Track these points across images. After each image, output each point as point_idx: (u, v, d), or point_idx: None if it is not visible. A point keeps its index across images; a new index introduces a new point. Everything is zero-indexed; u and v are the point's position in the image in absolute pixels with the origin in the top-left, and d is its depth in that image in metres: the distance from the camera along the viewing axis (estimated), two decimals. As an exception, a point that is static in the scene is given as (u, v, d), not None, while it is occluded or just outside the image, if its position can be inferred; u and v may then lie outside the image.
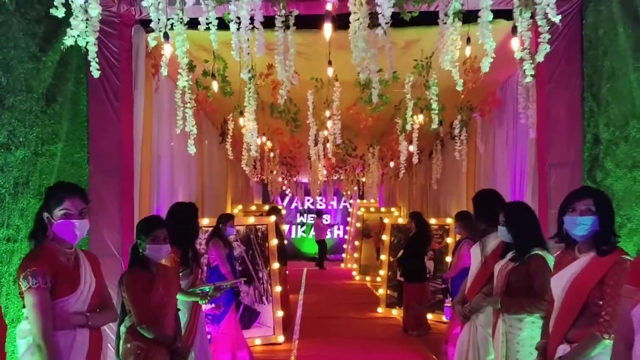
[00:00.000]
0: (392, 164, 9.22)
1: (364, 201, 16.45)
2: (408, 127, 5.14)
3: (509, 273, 3.11)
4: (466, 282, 3.74)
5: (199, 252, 3.88)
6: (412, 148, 6.18)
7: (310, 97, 4.89)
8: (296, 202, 19.36)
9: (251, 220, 6.87)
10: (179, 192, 6.30)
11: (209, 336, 5.09)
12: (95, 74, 3.39)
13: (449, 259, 8.25)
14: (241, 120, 5.26)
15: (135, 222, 4.48)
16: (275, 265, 6.83)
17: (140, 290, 2.82)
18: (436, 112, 4.83)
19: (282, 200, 19.15)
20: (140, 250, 2.93)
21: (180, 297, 3.68)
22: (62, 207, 2.46)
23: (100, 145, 4.17)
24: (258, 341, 6.51)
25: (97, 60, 3.38)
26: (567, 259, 2.65)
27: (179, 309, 3.16)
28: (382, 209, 13.59)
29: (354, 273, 13.38)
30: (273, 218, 7.00)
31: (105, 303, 2.63)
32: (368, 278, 12.83)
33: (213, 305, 4.99)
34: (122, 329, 2.86)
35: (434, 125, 4.93)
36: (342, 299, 10.27)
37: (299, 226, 19.21)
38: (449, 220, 8.41)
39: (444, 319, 8.02)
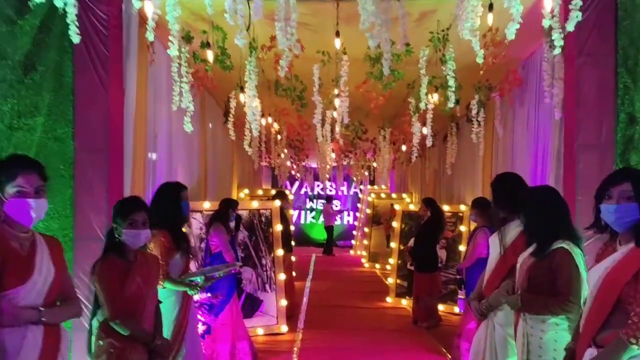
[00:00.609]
0: (404, 148, 8.82)
1: (375, 187, 16.12)
2: (423, 105, 4.74)
3: (530, 268, 2.75)
4: (483, 276, 3.38)
5: (190, 237, 3.55)
6: (425, 130, 5.79)
7: (316, 72, 4.51)
8: (306, 188, 19.02)
9: (255, 204, 6.55)
10: (179, 173, 5.99)
11: (204, 327, 4.80)
12: (75, 39, 3.06)
13: (462, 248, 7.89)
14: (242, 97, 4.90)
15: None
16: (280, 251, 6.52)
17: (114, 281, 2.50)
18: (453, 89, 4.44)
19: (292, 185, 18.85)
20: (116, 236, 2.61)
21: (168, 285, 3.36)
22: (15, 183, 2.13)
23: (87, 120, 3.84)
24: (260, 331, 6.22)
25: (76, 23, 3.05)
26: (609, 251, 2.29)
27: (160, 302, 2.84)
28: (393, 195, 13.22)
29: (363, 260, 13.06)
30: (278, 203, 6.67)
31: (67, 295, 2.31)
32: (377, 266, 12.53)
33: (209, 294, 4.69)
34: (95, 323, 2.54)
35: (450, 104, 4.54)
36: (350, 287, 9.96)
37: (308, 212, 18.90)
38: (463, 208, 8.03)
39: (455, 310, 7.70)
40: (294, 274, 10.39)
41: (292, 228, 10.68)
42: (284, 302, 6.40)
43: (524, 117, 5.64)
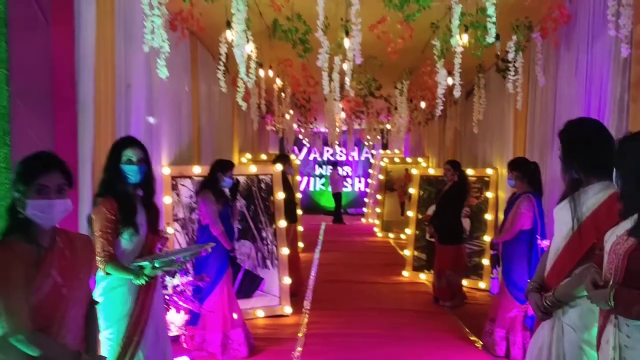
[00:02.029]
0: (423, 105, 7.88)
1: (387, 151, 15.21)
2: (454, 41, 3.80)
3: (629, 253, 1.88)
4: (545, 260, 2.52)
5: (137, 207, 2.68)
6: (451, 81, 4.85)
7: (320, 3, 3.58)
8: (314, 153, 18.17)
9: (253, 169, 5.69)
10: (163, 133, 5.14)
11: (187, 317, 4.02)
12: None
13: (488, 216, 7.05)
14: (229, 35, 3.99)
15: (82, 168, 3.37)
16: (282, 222, 5.70)
17: (15, 279, 1.69)
18: (493, 20, 3.50)
19: (300, 150, 18.00)
20: (20, 210, 1.78)
21: (111, 271, 2.54)
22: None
23: (24, 60, 2.97)
24: (261, 313, 5.46)
25: None
26: None
27: (95, 302, 2.03)
28: (408, 160, 12.31)
29: (375, 229, 12.27)
30: (279, 167, 5.82)
31: None
32: (391, 235, 11.76)
33: (189, 277, 3.89)
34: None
35: (490, 40, 3.59)
36: (362, 259, 9.18)
37: (317, 178, 18.07)
38: (490, 171, 7.14)
39: (481, 285, 6.90)
40: (300, 245, 9.69)
41: (299, 196, 9.88)
42: (287, 280, 5.62)
43: (571, 62, 4.68)
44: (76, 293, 1.85)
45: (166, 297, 3.60)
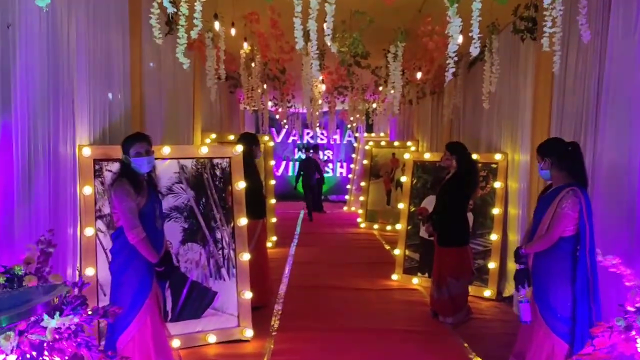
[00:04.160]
0: (419, 76, 6.60)
1: (372, 135, 14.00)
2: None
3: None
4: None
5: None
6: (461, 39, 3.60)
7: None
8: (293, 136, 16.86)
9: (204, 150, 4.38)
10: (81, 102, 3.81)
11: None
12: None
13: (495, 210, 5.88)
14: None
15: None
16: (243, 220, 4.44)
17: None
18: None
19: (278, 133, 16.67)
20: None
21: None
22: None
23: None
24: (212, 338, 4.21)
25: None
26: None
27: None
28: (396, 143, 11.08)
29: (359, 220, 11.06)
30: (240, 148, 4.53)
31: None
32: (376, 226, 10.61)
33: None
34: None
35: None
36: (344, 257, 7.95)
37: (297, 163, 16.76)
38: (499, 157, 5.94)
39: (485, 294, 5.76)
40: (274, 239, 8.45)
41: (273, 182, 8.61)
42: (248, 295, 4.37)
43: (629, 13, 3.47)
44: None
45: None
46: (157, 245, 3.17)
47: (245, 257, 4.40)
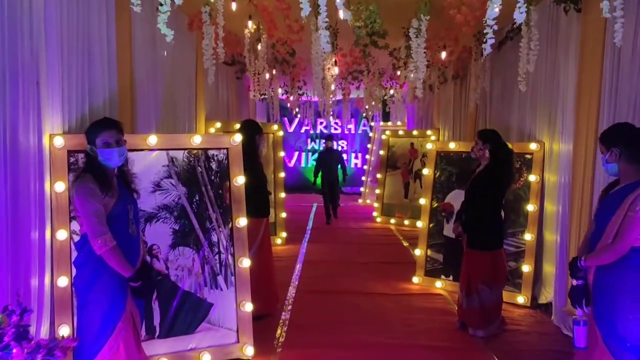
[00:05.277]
0: (443, 55, 5.92)
1: (389, 123, 13.33)
2: None
3: None
4: None
5: None
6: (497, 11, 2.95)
7: None
8: (306, 126, 16.22)
9: (197, 140, 3.79)
10: (54, 84, 3.24)
11: None
12: None
13: (530, 207, 5.23)
14: None
15: None
16: (242, 220, 3.85)
17: None
18: None
19: (290, 123, 16.04)
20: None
21: None
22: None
23: None
24: (207, 356, 3.63)
25: None
26: None
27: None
28: (415, 132, 10.40)
29: (375, 214, 10.44)
30: (239, 138, 3.93)
31: None
32: (392, 221, 9.99)
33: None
34: None
35: None
36: (358, 255, 7.34)
37: (310, 154, 16.15)
38: (534, 146, 5.27)
39: (519, 300, 5.14)
40: (283, 235, 7.88)
41: (283, 175, 8.03)
42: (249, 307, 3.79)
43: None
44: None
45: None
46: (131, 255, 2.59)
47: (246, 262, 3.82)
